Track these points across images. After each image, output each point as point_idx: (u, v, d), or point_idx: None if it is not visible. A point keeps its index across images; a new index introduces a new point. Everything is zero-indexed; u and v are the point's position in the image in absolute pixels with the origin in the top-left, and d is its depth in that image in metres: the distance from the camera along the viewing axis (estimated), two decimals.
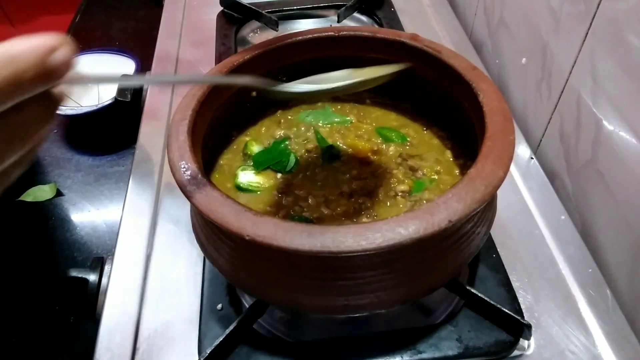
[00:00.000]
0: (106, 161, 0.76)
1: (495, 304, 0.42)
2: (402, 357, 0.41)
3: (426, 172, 0.46)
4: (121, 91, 0.70)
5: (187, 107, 0.41)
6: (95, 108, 0.76)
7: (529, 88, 0.64)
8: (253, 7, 0.78)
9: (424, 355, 0.41)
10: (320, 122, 0.52)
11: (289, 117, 0.53)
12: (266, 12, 0.78)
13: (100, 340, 0.44)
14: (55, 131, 0.81)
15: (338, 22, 0.78)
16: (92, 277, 0.48)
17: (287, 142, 0.50)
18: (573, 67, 0.54)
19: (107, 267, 0.49)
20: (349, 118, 0.52)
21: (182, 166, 0.36)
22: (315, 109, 0.53)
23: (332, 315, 0.44)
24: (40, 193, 0.71)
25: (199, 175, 0.36)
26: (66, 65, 0.25)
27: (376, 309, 0.38)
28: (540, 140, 0.62)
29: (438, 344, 0.41)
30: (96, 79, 0.30)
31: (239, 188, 0.46)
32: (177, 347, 0.44)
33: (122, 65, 0.84)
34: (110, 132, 0.80)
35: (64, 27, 1.03)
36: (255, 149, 0.49)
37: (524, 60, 0.65)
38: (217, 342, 0.40)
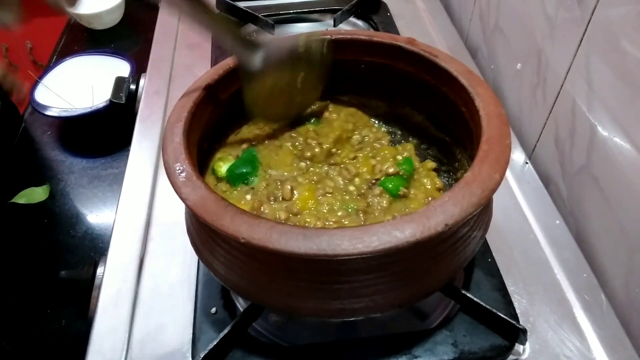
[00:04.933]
0: (100, 163, 0.76)
1: (490, 308, 0.42)
2: None
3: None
4: (115, 93, 0.70)
5: (182, 108, 0.41)
6: (89, 110, 0.75)
7: (524, 93, 0.64)
8: (249, 11, 0.78)
9: None
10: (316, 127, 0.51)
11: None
12: (262, 15, 0.78)
13: (92, 344, 0.44)
14: (49, 133, 0.81)
15: (334, 26, 0.78)
16: (85, 280, 0.47)
17: (253, 151, 0.47)
18: (568, 72, 0.54)
19: (99, 270, 0.49)
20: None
21: (177, 168, 0.36)
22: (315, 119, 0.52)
23: (327, 319, 0.44)
24: (33, 195, 0.71)
25: (194, 177, 0.35)
26: None
27: (372, 313, 0.37)
28: (535, 145, 0.62)
29: (433, 349, 0.41)
30: None
31: None
32: (170, 351, 0.43)
33: (118, 67, 0.84)
34: (104, 134, 0.80)
35: (59, 29, 1.03)
36: (223, 169, 0.46)
37: (519, 65, 0.65)
38: (211, 346, 0.40)
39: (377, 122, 0.53)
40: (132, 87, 0.70)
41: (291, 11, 0.82)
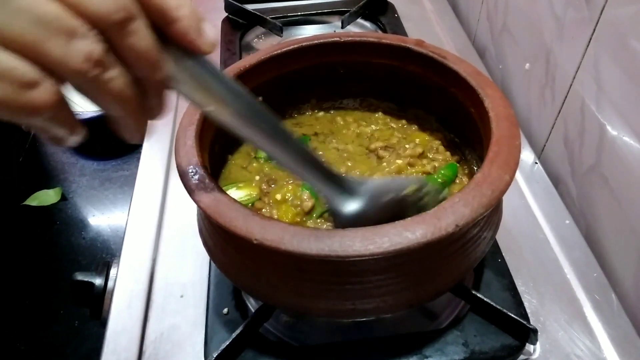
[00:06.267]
0: (111, 166, 0.77)
1: (501, 308, 0.42)
2: None
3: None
4: None
5: (194, 111, 0.41)
6: (100, 112, 0.76)
7: (533, 93, 0.64)
8: (257, 13, 0.79)
9: None
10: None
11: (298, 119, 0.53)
12: (270, 18, 0.79)
13: (107, 344, 0.44)
14: None
15: (342, 28, 0.79)
16: (98, 281, 0.48)
17: (307, 139, 0.49)
18: (577, 72, 0.54)
19: (113, 271, 0.49)
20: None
21: (190, 170, 0.37)
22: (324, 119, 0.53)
23: (338, 319, 0.44)
24: (45, 197, 0.72)
25: (207, 180, 0.36)
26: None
27: (383, 314, 0.38)
28: (544, 145, 0.62)
29: (444, 349, 0.42)
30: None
31: None
32: (183, 351, 0.44)
33: None
34: (115, 137, 0.80)
35: None
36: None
37: (527, 65, 0.65)
38: (223, 346, 0.41)
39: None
40: None
41: (299, 13, 0.83)
